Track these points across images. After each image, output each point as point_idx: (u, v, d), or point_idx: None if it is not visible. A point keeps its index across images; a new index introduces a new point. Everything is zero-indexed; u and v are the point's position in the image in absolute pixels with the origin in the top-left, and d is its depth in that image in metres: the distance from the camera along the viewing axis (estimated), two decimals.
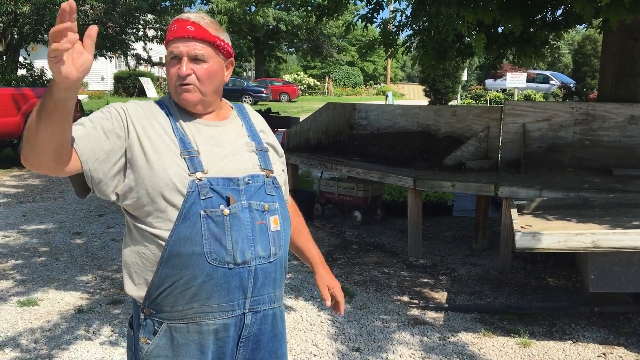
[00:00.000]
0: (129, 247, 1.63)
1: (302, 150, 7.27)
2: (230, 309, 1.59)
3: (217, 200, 1.56)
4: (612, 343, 3.78)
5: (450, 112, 6.98)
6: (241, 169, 1.63)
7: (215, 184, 1.57)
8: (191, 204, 1.53)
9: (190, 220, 1.53)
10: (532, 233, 3.59)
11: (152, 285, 1.57)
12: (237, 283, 1.58)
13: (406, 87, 47.89)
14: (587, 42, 29.11)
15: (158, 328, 1.59)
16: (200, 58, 1.59)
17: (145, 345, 1.60)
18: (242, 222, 1.58)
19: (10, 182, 8.91)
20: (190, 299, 1.56)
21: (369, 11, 6.95)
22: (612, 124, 5.81)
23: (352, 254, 5.71)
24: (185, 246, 1.53)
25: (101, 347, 3.58)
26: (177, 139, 1.59)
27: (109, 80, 31.02)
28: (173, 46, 1.60)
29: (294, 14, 36.73)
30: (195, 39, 1.59)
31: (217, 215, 1.55)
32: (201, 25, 1.61)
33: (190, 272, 1.54)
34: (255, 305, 1.64)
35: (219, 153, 1.63)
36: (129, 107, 1.62)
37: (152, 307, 1.59)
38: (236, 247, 1.56)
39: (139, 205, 1.57)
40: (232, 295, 1.58)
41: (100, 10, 14.18)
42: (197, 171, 1.56)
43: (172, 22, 1.63)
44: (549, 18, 6.85)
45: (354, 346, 3.69)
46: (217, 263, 1.54)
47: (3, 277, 4.75)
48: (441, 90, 24.53)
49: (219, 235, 1.54)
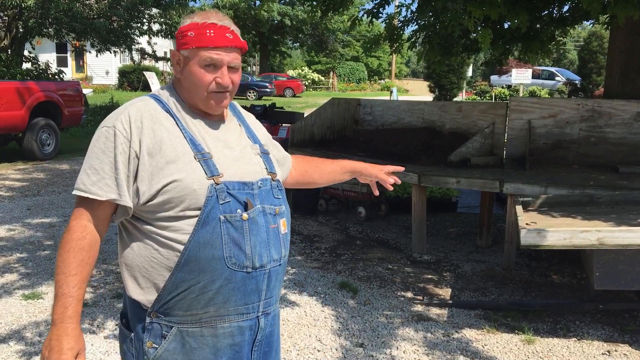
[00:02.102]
0: (131, 250, 1.60)
1: (307, 146, 7.25)
2: (246, 312, 1.60)
3: (234, 205, 1.55)
4: (616, 340, 3.77)
5: (456, 108, 6.95)
6: (252, 172, 1.63)
7: (231, 188, 1.56)
8: (210, 209, 1.52)
9: (209, 225, 1.52)
10: (537, 230, 3.57)
11: (165, 289, 1.54)
12: (253, 286, 1.59)
13: (411, 82, 47.80)
14: (593, 39, 28.98)
15: (167, 332, 1.56)
16: (236, 67, 1.61)
17: (151, 349, 1.57)
18: (259, 226, 1.59)
19: (15, 176, 8.93)
20: (206, 303, 1.55)
21: (375, 6, 6.92)
22: (618, 120, 5.78)
23: (356, 250, 5.71)
24: (205, 251, 1.52)
25: (105, 341, 3.59)
26: (188, 141, 1.57)
27: (114, 75, 31.04)
28: (214, 53, 1.57)
29: (299, 9, 36.67)
30: (235, 48, 1.60)
31: (236, 220, 1.54)
32: (236, 33, 1.62)
33: (208, 276, 1.53)
34: (267, 307, 1.65)
35: (230, 155, 1.62)
36: (131, 119, 1.55)
37: (161, 311, 1.56)
38: (255, 251, 1.57)
39: (155, 210, 1.54)
40: (248, 299, 1.59)
41: (105, 4, 14.19)
42: (213, 175, 1.55)
43: (203, 25, 1.58)
44: (556, 14, 6.81)
45: (357, 342, 3.69)
46: (236, 267, 1.55)
47: (8, 271, 4.77)
48: (446, 86, 24.47)
49: (238, 240, 1.54)
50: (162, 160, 1.52)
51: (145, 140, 1.53)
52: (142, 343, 1.58)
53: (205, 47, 1.57)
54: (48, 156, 10.45)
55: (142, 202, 1.53)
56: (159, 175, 1.52)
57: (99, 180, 1.52)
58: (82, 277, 1.55)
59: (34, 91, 10.09)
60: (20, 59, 14.58)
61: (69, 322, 1.52)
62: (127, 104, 1.63)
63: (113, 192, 1.52)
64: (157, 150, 1.53)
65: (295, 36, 42.49)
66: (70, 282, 1.53)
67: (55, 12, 12.91)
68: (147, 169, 1.52)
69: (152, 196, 1.52)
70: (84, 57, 30.73)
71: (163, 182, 1.51)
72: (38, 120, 10.14)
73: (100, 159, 1.53)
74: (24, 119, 9.84)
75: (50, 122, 10.46)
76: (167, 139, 1.55)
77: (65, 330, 1.51)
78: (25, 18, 13.45)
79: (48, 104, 10.41)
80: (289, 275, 4.75)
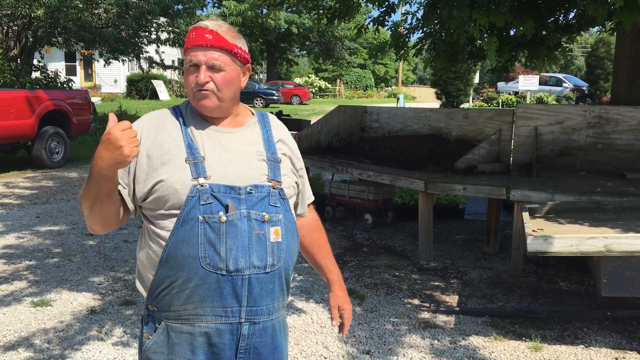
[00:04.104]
0: (139, 246, 1.72)
1: (313, 153, 7.28)
2: (224, 314, 1.61)
3: (216, 207, 1.58)
4: (624, 348, 3.75)
5: (462, 115, 6.95)
6: (245, 177, 1.64)
7: (216, 191, 1.59)
8: (190, 208, 1.57)
9: (188, 223, 1.57)
10: (544, 237, 3.57)
11: (153, 283, 1.64)
12: (229, 290, 1.59)
13: (418, 89, 47.83)
14: (600, 45, 28.89)
15: (158, 325, 1.65)
16: (218, 67, 1.63)
17: (147, 340, 1.67)
18: (239, 230, 1.59)
19: (24, 184, 8.99)
20: (185, 301, 1.60)
21: (381, 14, 6.95)
22: (625, 127, 5.77)
23: (362, 257, 5.71)
24: (182, 248, 1.57)
25: (113, 348, 3.61)
26: (185, 145, 1.63)
27: (122, 83, 31.24)
28: (192, 54, 1.63)
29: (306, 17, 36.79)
30: (213, 47, 1.62)
31: (214, 221, 1.57)
32: (219, 33, 1.64)
33: (185, 274, 1.58)
34: (252, 315, 1.63)
35: (225, 159, 1.64)
36: (139, 125, 1.67)
37: (154, 304, 1.65)
38: (229, 254, 1.58)
39: (151, 208, 1.64)
40: (226, 302, 1.60)
41: (114, 13, 14.29)
42: (199, 176, 1.59)
43: (191, 29, 1.66)
44: (562, 21, 6.82)
45: (364, 349, 3.69)
46: (211, 268, 1.57)
47: (17, 278, 4.80)
48: (453, 93, 24.46)
49: (214, 241, 1.57)
50: (157, 162, 1.62)
51: (147, 143, 1.63)
52: (142, 333, 1.71)
53: (187, 49, 1.66)
54: (57, 164, 10.52)
55: (140, 200, 1.64)
56: (152, 176, 1.61)
57: None
58: None
59: (43, 100, 10.18)
60: (30, 68, 14.69)
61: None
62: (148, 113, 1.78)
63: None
64: (155, 153, 1.63)
65: (302, 44, 42.63)
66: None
67: (64, 21, 13.02)
68: (144, 169, 1.62)
69: (146, 195, 1.62)
70: (93, 66, 30.97)
71: (153, 182, 1.61)
72: (47, 128, 10.22)
73: None
74: (33, 128, 9.92)
75: (59, 130, 10.54)
76: (167, 142, 1.64)
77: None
78: (35, 28, 13.58)
79: (57, 112, 10.49)
80: (295, 282, 4.75)
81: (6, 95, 9.70)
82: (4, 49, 14.16)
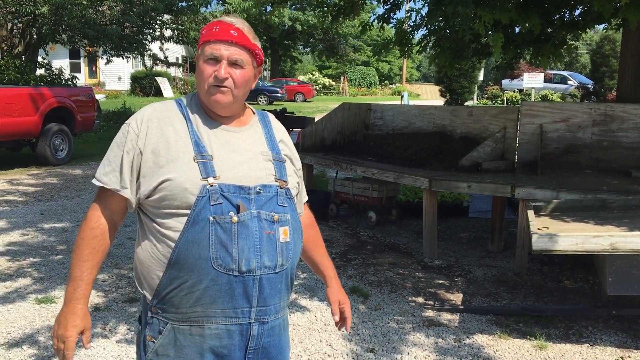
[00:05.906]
0: (140, 245, 1.67)
1: (317, 150, 7.27)
2: (234, 315, 1.60)
3: (227, 207, 1.57)
4: (630, 347, 3.74)
5: (467, 112, 6.93)
6: (253, 178, 1.63)
7: (226, 191, 1.58)
8: (201, 209, 1.55)
9: (199, 224, 1.55)
10: (548, 235, 3.55)
11: (160, 285, 1.60)
12: (241, 290, 1.58)
13: (422, 87, 47.69)
14: (605, 42, 28.80)
15: (163, 328, 1.62)
16: (239, 64, 1.62)
17: (150, 343, 1.64)
18: (250, 230, 1.58)
19: (29, 181, 9.01)
20: (195, 302, 1.58)
21: (386, 11, 6.93)
22: (631, 125, 5.74)
23: (366, 255, 5.70)
24: (193, 250, 1.55)
25: (117, 345, 3.61)
26: (192, 142, 1.61)
27: (126, 80, 31.26)
28: (214, 47, 1.62)
29: (310, 14, 36.73)
30: (237, 45, 1.62)
31: (225, 222, 1.56)
32: (244, 32, 1.64)
33: (195, 275, 1.56)
34: (262, 315, 1.63)
35: (234, 159, 1.63)
36: (145, 118, 1.65)
37: (159, 306, 1.62)
38: (242, 255, 1.56)
39: (156, 206, 1.61)
40: (236, 302, 1.59)
41: (118, 10, 14.31)
42: (209, 176, 1.57)
43: (213, 22, 1.65)
44: (567, 18, 6.78)
45: (368, 347, 3.68)
46: (222, 269, 1.56)
47: (21, 275, 4.81)
48: (457, 91, 24.39)
49: (225, 242, 1.55)
50: (163, 159, 1.59)
51: (152, 139, 1.61)
52: (144, 336, 1.66)
53: (208, 41, 1.63)
54: (61, 161, 10.54)
55: (144, 197, 1.61)
56: (158, 173, 1.59)
57: (110, 171, 1.64)
58: (93, 263, 1.67)
59: (47, 97, 10.20)
60: (34, 65, 14.72)
61: (77, 302, 1.66)
62: (151, 104, 1.73)
63: (116, 183, 1.62)
64: (161, 149, 1.60)
65: (306, 41, 42.56)
66: (82, 267, 1.66)
67: (69, 18, 13.05)
68: (150, 166, 1.60)
69: (151, 192, 1.60)
70: (97, 63, 31.00)
71: (159, 180, 1.58)
72: (51, 125, 10.24)
73: (115, 152, 1.65)
74: (38, 125, 9.94)
75: (63, 127, 10.56)
76: (173, 139, 1.61)
77: (73, 309, 1.66)
78: (39, 25, 13.60)
79: (61, 109, 10.51)
80: (299, 280, 4.75)
81: (10, 92, 9.72)
82: (9, 46, 14.20)
